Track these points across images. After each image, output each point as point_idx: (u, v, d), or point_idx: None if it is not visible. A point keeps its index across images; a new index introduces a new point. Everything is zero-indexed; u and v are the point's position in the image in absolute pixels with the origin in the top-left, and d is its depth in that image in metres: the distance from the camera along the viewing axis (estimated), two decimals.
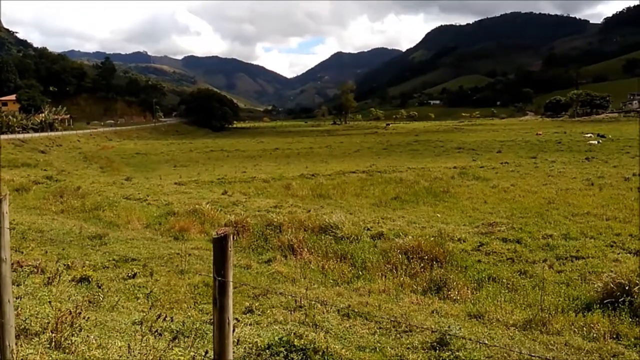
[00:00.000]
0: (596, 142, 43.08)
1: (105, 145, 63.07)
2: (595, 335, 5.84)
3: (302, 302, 6.53)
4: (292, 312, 6.27)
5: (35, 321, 4.90)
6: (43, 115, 79.34)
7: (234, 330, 2.50)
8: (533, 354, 5.04)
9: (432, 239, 10.55)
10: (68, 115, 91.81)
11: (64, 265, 7.92)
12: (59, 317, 4.61)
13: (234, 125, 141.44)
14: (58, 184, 23.18)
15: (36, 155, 43.99)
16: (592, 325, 6.07)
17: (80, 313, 4.84)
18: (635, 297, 6.63)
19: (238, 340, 4.69)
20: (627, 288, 6.79)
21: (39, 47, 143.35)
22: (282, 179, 23.45)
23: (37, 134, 61.52)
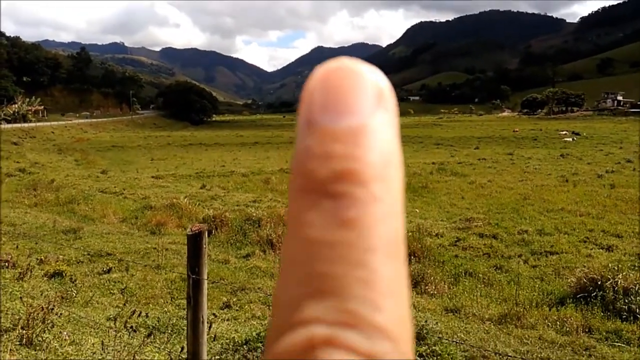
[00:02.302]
0: (571, 139, 43.91)
1: (81, 137, 61.82)
2: (568, 329, 5.95)
3: None
4: (270, 307, 6.24)
5: (6, 318, 4.78)
6: (16, 106, 77.37)
7: (210, 326, 2.47)
8: (507, 348, 5.12)
9: (410, 234, 10.61)
10: (42, 107, 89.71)
11: (37, 259, 7.74)
12: (30, 313, 4.50)
13: (213, 119, 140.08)
14: (31, 176, 22.64)
15: (9, 146, 42.89)
16: (565, 320, 6.19)
17: (52, 309, 4.73)
18: (607, 292, 6.77)
19: (215, 336, 4.65)
20: (599, 283, 6.94)
21: (12, 36, 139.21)
22: (261, 173, 23.33)
23: (9, 125, 60.00)
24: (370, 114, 0.26)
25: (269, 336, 0.24)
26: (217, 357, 4.55)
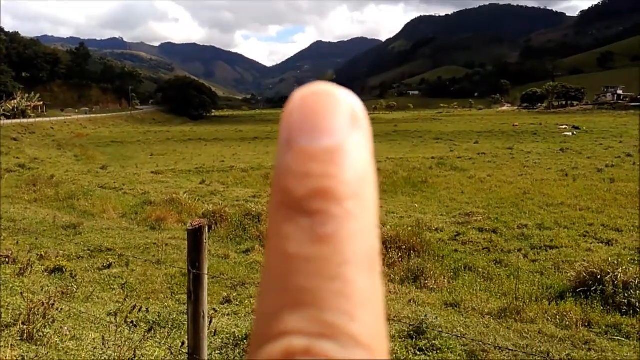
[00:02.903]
0: (571, 133, 43.85)
1: (80, 132, 61.76)
2: (567, 323, 5.96)
3: None
4: None
5: (7, 313, 4.79)
6: (15, 101, 77.16)
7: (211, 321, 2.48)
8: (507, 342, 5.13)
9: (410, 228, 10.61)
10: (41, 102, 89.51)
11: (37, 255, 7.75)
12: (31, 308, 4.51)
13: (212, 114, 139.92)
14: (31, 172, 22.63)
15: (8, 142, 42.83)
16: (565, 314, 6.20)
17: (53, 304, 4.74)
18: (607, 286, 6.79)
19: (215, 331, 4.66)
20: (599, 277, 6.95)
21: (11, 31, 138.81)
22: (260, 169, 23.32)
23: (8, 121, 59.85)
24: (345, 134, 0.27)
25: (251, 346, 0.25)
26: (218, 351, 4.57)
